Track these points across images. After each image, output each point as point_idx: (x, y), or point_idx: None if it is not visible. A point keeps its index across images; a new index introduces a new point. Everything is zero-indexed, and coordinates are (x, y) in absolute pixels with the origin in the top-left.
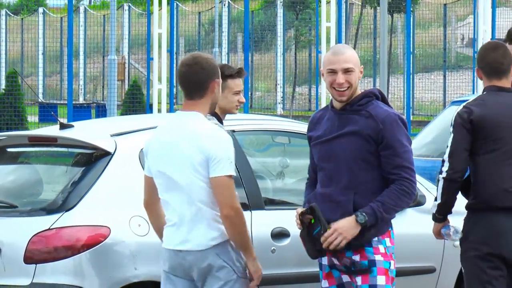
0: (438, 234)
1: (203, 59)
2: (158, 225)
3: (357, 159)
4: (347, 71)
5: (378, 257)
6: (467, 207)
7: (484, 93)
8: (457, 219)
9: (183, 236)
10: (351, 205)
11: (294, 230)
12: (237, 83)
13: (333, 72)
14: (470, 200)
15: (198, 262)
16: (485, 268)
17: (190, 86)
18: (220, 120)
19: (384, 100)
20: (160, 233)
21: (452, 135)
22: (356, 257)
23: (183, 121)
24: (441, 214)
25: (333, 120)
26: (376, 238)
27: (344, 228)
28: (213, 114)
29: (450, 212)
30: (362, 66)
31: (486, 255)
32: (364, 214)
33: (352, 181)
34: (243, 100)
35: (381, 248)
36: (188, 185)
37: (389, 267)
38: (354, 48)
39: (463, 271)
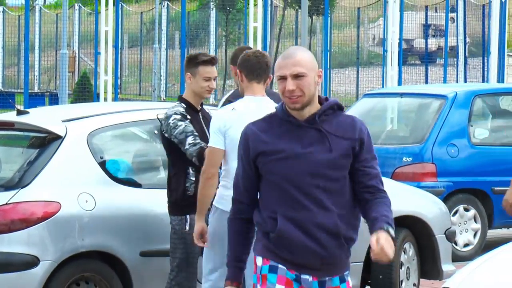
0: None
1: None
2: (213, 193)
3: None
4: (297, 76)
5: None
6: None
7: None
8: None
9: None
10: (338, 228)
11: None
12: (208, 70)
13: (283, 78)
14: None
15: None
16: None
17: None
18: (191, 105)
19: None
20: (209, 200)
21: None
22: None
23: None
24: None
25: (297, 133)
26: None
27: (388, 238)
28: (183, 101)
29: None
30: (320, 70)
31: None
32: (391, 225)
33: (331, 201)
34: (213, 86)
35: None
36: None
37: None
38: (278, 46)
39: None
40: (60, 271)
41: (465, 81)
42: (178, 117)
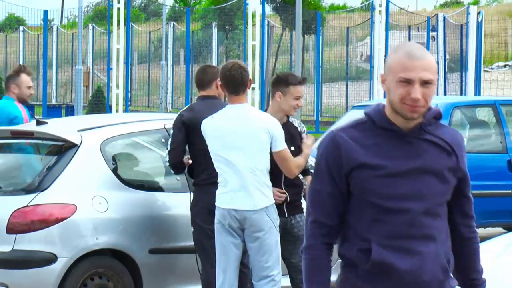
0: None
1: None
2: None
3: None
4: (425, 83)
5: None
6: None
7: None
8: None
9: None
10: (448, 257)
11: None
12: (298, 90)
13: (407, 82)
14: None
15: None
16: None
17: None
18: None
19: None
20: None
21: None
22: None
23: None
24: None
25: (400, 144)
26: None
27: None
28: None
29: None
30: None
31: None
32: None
33: (436, 226)
34: (301, 104)
35: None
36: None
37: None
38: (275, 63)
39: None
40: (76, 267)
41: (445, 94)
42: None
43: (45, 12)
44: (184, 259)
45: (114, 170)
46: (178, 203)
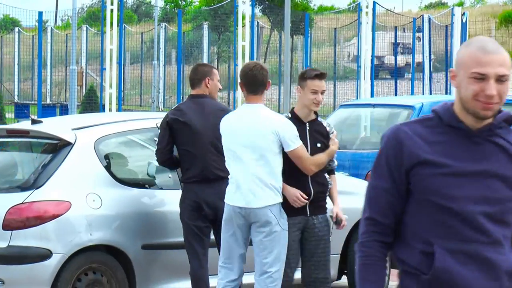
0: None
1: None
2: None
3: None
4: (500, 79)
5: None
6: None
7: None
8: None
9: None
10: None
11: None
12: (316, 84)
13: (481, 77)
14: None
15: None
16: None
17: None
18: (297, 117)
19: None
20: None
21: None
22: None
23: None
24: None
25: (467, 144)
26: None
27: None
28: (291, 112)
29: None
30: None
31: None
32: None
33: (501, 233)
34: (319, 99)
35: None
36: None
37: None
38: (264, 63)
39: None
40: (71, 262)
41: (430, 93)
42: None
43: (40, 13)
44: (176, 254)
45: (108, 168)
46: (170, 200)
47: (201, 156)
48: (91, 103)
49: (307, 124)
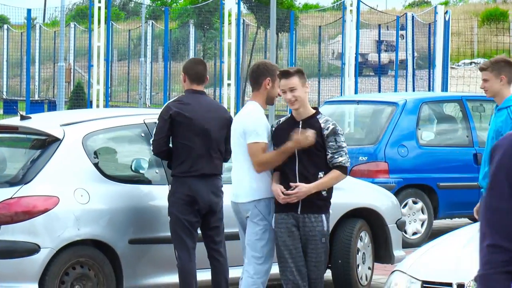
0: None
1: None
2: None
3: None
4: None
5: None
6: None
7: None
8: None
9: None
10: None
11: None
12: (282, 83)
13: None
14: None
15: None
16: None
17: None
18: (292, 116)
19: None
20: None
21: None
22: None
23: None
24: None
25: None
26: None
27: None
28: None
29: None
30: None
31: None
32: None
33: None
34: (288, 97)
35: None
36: None
37: None
38: (250, 60)
39: None
40: (59, 256)
41: (414, 90)
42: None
43: (29, 11)
44: (163, 249)
45: (96, 163)
46: (157, 195)
47: (202, 151)
48: (79, 99)
49: (300, 123)
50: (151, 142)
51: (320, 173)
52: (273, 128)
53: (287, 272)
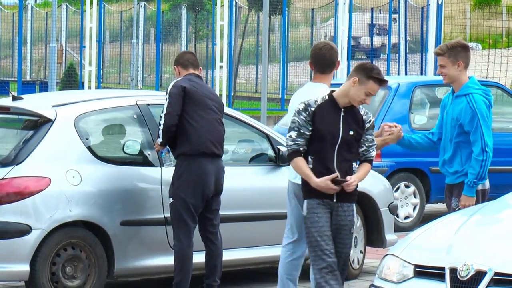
0: None
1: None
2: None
3: None
4: None
5: None
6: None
7: None
8: None
9: None
10: None
11: None
12: (375, 89)
13: None
14: None
15: None
16: None
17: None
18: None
19: None
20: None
21: None
22: None
23: None
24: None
25: None
26: None
27: None
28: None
29: None
30: None
31: None
32: None
33: None
34: (368, 102)
35: None
36: None
37: None
38: (242, 42)
39: None
40: (50, 238)
41: (406, 74)
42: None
43: None
44: (154, 231)
45: (87, 145)
46: (149, 177)
47: (212, 130)
48: (71, 80)
49: (342, 110)
50: (162, 116)
51: (354, 164)
52: (312, 108)
53: (325, 255)
